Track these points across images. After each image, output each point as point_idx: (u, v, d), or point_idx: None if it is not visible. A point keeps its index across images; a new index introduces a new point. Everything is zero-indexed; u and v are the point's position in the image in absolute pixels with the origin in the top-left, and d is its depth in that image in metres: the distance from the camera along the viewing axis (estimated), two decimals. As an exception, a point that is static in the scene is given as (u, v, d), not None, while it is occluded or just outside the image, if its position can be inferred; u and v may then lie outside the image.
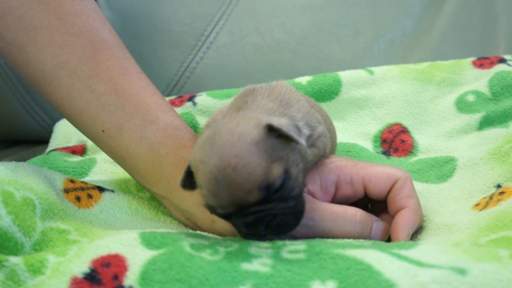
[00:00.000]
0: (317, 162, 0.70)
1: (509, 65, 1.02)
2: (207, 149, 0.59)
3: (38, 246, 0.62)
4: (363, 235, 0.67)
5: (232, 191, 0.58)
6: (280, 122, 0.61)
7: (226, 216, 0.61)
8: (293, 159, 0.62)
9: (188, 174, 0.63)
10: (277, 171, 0.59)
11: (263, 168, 0.58)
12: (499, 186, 0.76)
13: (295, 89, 0.72)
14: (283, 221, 0.61)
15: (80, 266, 0.55)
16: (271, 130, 0.60)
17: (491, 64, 1.03)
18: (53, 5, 0.75)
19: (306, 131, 0.67)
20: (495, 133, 0.90)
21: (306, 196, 0.67)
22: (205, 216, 0.70)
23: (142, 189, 0.82)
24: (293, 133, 0.60)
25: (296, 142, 0.60)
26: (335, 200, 0.70)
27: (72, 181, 0.76)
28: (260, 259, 0.57)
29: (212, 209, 0.61)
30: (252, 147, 0.59)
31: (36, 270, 0.55)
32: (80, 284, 0.54)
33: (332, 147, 0.78)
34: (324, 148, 0.70)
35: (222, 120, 0.63)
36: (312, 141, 0.68)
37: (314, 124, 0.69)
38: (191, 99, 1.05)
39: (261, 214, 0.60)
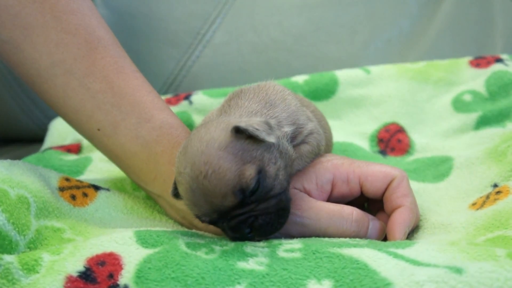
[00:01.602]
0: (313, 161, 0.70)
1: (506, 64, 1.02)
2: (182, 159, 0.60)
3: (33, 245, 0.61)
4: (359, 234, 0.66)
5: (207, 198, 0.59)
6: (250, 122, 0.61)
7: (212, 223, 0.62)
8: (269, 157, 0.62)
9: (175, 186, 0.64)
10: (249, 172, 0.59)
11: (234, 172, 0.58)
12: (495, 185, 0.75)
13: (284, 88, 0.72)
14: (266, 221, 0.61)
15: (75, 265, 0.55)
16: (240, 132, 0.60)
17: (488, 63, 1.03)
18: (48, 3, 0.74)
19: (287, 129, 0.67)
20: (492, 133, 0.90)
21: (302, 195, 0.67)
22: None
23: (138, 188, 0.81)
24: (259, 133, 0.60)
25: (262, 140, 0.60)
26: (332, 199, 0.70)
27: (67, 179, 0.76)
28: (256, 258, 0.57)
29: (198, 217, 0.62)
30: (220, 152, 0.59)
31: (30, 268, 0.55)
32: (75, 283, 0.53)
33: (327, 146, 0.77)
34: (318, 145, 0.70)
35: (191, 133, 0.64)
36: (302, 137, 0.69)
37: (302, 122, 0.69)
38: (187, 97, 1.05)
39: (243, 217, 0.60)
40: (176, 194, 0.64)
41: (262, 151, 0.61)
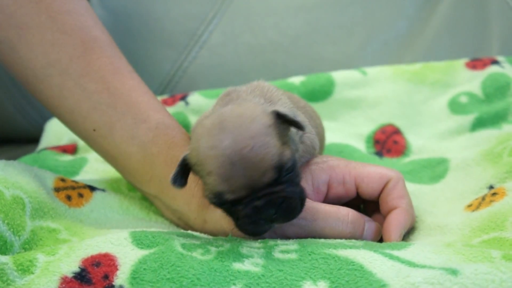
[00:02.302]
0: (308, 162, 0.70)
1: (502, 66, 1.02)
2: (217, 134, 0.59)
3: (28, 245, 0.61)
4: (355, 235, 0.66)
5: (247, 172, 0.58)
6: (284, 110, 0.62)
7: (235, 202, 0.60)
8: (292, 147, 0.62)
9: (181, 169, 0.62)
10: (287, 152, 0.60)
11: (278, 149, 0.59)
12: (491, 187, 0.76)
13: (276, 87, 0.72)
14: (291, 206, 0.60)
15: (70, 266, 0.55)
16: (278, 117, 0.61)
17: (484, 65, 1.03)
18: (44, 4, 0.74)
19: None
20: (488, 134, 0.90)
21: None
22: (196, 216, 0.70)
23: (133, 189, 0.81)
24: (299, 119, 0.61)
25: (300, 127, 0.61)
26: (327, 200, 0.70)
27: (63, 180, 0.75)
28: (252, 259, 0.57)
29: (219, 197, 0.60)
30: (265, 128, 0.59)
31: (25, 269, 0.55)
32: (70, 284, 0.53)
33: (320, 146, 0.78)
34: (311, 144, 0.70)
35: (219, 110, 0.62)
36: (298, 136, 0.69)
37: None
38: (183, 98, 1.05)
39: (273, 197, 0.59)
40: (176, 181, 0.62)
41: (289, 139, 0.62)
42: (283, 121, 0.61)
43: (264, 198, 0.59)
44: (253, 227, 0.61)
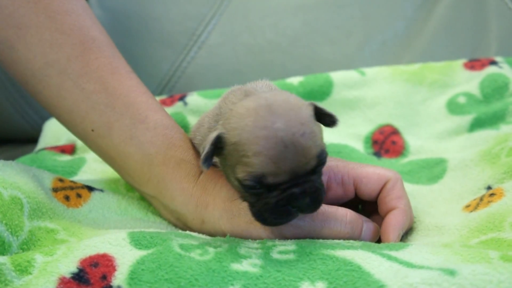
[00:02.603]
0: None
1: (500, 67, 1.02)
2: (266, 114, 0.59)
3: (26, 246, 0.61)
4: (353, 236, 0.66)
5: (297, 156, 0.58)
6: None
7: (271, 188, 0.60)
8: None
9: (213, 148, 0.61)
10: (323, 144, 0.61)
11: (321, 138, 0.61)
12: (489, 187, 0.76)
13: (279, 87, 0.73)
14: (320, 197, 0.61)
15: (68, 266, 0.55)
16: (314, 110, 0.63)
17: (482, 66, 1.03)
18: (42, 4, 0.74)
19: None
20: (486, 135, 0.90)
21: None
22: (194, 216, 0.70)
23: (132, 189, 0.81)
24: (332, 113, 0.63)
25: (334, 122, 0.63)
26: (326, 200, 0.70)
27: (61, 180, 0.75)
28: (250, 259, 0.57)
29: (259, 179, 0.59)
30: (311, 118, 0.61)
31: (23, 269, 0.55)
32: (68, 284, 0.53)
33: None
34: None
35: (260, 95, 0.62)
36: None
37: None
38: (182, 98, 1.05)
39: (309, 185, 0.60)
40: (207, 162, 0.61)
41: None
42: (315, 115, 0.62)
43: (301, 186, 0.60)
44: (280, 215, 0.61)
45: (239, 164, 0.59)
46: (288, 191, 0.59)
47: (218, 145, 0.61)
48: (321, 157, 0.60)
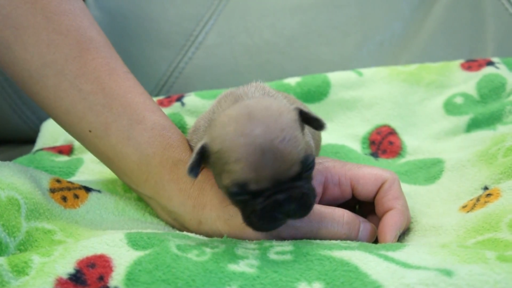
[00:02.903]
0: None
1: (497, 67, 1.02)
2: (246, 122, 0.59)
3: (23, 247, 0.61)
4: (350, 236, 0.67)
5: (276, 163, 0.58)
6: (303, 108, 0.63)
7: (254, 195, 0.60)
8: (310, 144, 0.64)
9: (198, 158, 0.61)
10: (309, 149, 0.61)
11: (303, 144, 0.60)
12: (486, 188, 0.76)
13: (273, 89, 0.73)
14: (308, 202, 0.61)
15: (65, 267, 0.55)
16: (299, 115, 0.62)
17: (479, 66, 1.04)
18: (40, 4, 0.74)
19: None
20: (483, 135, 0.90)
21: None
22: (192, 217, 0.70)
23: (129, 190, 0.81)
24: (320, 118, 0.62)
25: (322, 126, 0.62)
26: (323, 201, 0.70)
27: (58, 181, 0.75)
28: (247, 260, 0.57)
29: (242, 187, 0.59)
30: (293, 123, 0.60)
31: (20, 270, 0.54)
32: (65, 285, 0.53)
33: (316, 148, 0.78)
34: (311, 144, 0.71)
35: (242, 102, 0.62)
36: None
37: None
38: (179, 99, 1.05)
39: (294, 191, 0.59)
40: (193, 171, 0.61)
41: (306, 136, 0.63)
42: (302, 119, 0.62)
43: (286, 192, 0.59)
44: (268, 221, 0.60)
45: (223, 172, 0.60)
46: (273, 197, 0.59)
47: (205, 155, 0.61)
48: (306, 163, 0.59)
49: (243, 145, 0.58)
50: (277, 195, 0.59)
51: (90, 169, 0.92)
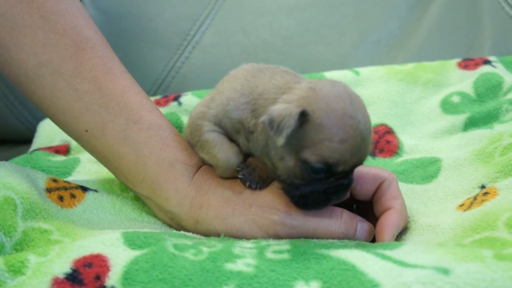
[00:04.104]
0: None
1: (493, 66, 1.02)
2: (349, 104, 0.60)
3: (19, 246, 0.61)
4: (348, 236, 0.67)
5: (365, 151, 0.61)
6: None
7: (330, 175, 0.61)
8: None
9: (298, 123, 0.59)
10: None
11: None
12: (483, 186, 0.76)
13: None
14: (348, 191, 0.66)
15: (62, 266, 0.55)
16: None
17: (476, 65, 1.04)
18: (36, 4, 0.74)
19: None
20: (480, 134, 0.90)
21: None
22: (189, 217, 0.70)
23: (126, 189, 0.81)
24: None
25: None
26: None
27: (55, 180, 0.75)
28: (244, 259, 0.57)
29: (329, 166, 0.60)
30: None
31: (16, 270, 0.54)
32: (62, 285, 0.53)
33: None
34: None
35: (335, 81, 0.63)
36: None
37: None
38: (176, 99, 1.05)
39: (351, 179, 0.64)
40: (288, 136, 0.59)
41: None
42: None
43: (347, 179, 0.63)
44: (318, 201, 0.63)
45: (315, 146, 0.59)
46: (340, 181, 0.62)
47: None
48: None
49: (351, 127, 0.59)
50: (343, 180, 0.62)
51: (86, 168, 0.92)
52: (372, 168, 0.72)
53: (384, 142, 0.98)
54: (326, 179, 0.62)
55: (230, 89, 0.69)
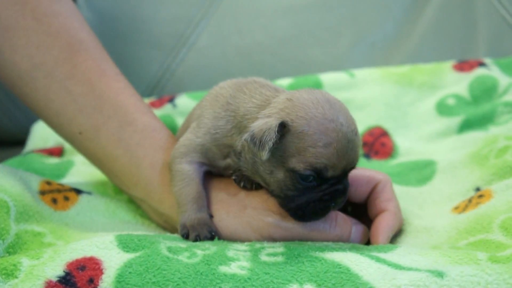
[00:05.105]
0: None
1: (488, 69, 1.02)
2: (329, 108, 0.60)
3: (12, 249, 0.61)
4: (342, 238, 0.66)
5: (352, 153, 0.61)
6: None
7: (322, 182, 0.61)
8: None
9: (278, 136, 0.59)
10: None
11: None
12: (478, 189, 0.76)
13: None
14: (347, 196, 0.65)
15: (55, 269, 0.54)
16: None
17: (471, 67, 1.04)
18: (30, 6, 0.74)
19: None
20: (475, 137, 0.90)
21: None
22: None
23: (120, 192, 0.81)
24: None
25: None
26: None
27: (48, 183, 0.75)
28: (238, 262, 0.57)
29: (318, 171, 0.60)
30: None
31: (9, 273, 0.54)
32: (54, 288, 0.53)
33: None
34: None
35: (312, 89, 0.63)
36: None
37: None
38: (171, 100, 1.05)
39: (346, 184, 0.63)
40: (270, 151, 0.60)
41: None
42: None
43: (342, 184, 0.62)
44: (322, 210, 0.63)
45: (300, 154, 0.60)
46: (334, 187, 0.62)
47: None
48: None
49: (334, 131, 0.60)
50: (337, 186, 0.62)
51: (80, 171, 0.91)
52: (366, 170, 0.71)
53: (379, 144, 0.98)
54: (319, 186, 0.61)
55: (215, 117, 0.69)
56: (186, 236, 0.65)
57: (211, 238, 0.64)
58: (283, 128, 0.60)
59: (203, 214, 0.66)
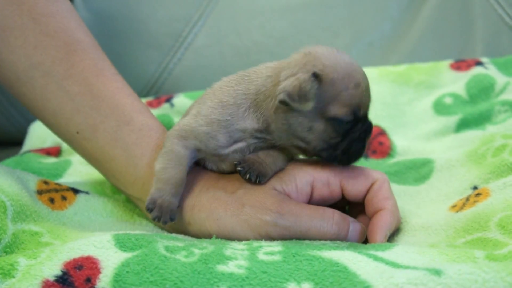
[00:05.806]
0: (292, 163, 0.70)
1: (485, 68, 1.02)
2: (342, 54, 0.65)
3: (9, 249, 0.61)
4: (340, 237, 0.66)
5: (370, 91, 0.67)
6: None
7: (355, 122, 0.65)
8: None
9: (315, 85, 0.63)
10: None
11: None
12: (475, 187, 0.76)
13: None
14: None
15: (52, 269, 0.54)
16: None
17: (468, 66, 1.04)
18: (27, 6, 0.74)
19: None
20: (472, 135, 0.90)
21: (283, 197, 0.67)
22: (180, 218, 0.69)
23: (118, 191, 0.81)
24: None
25: None
26: (312, 201, 0.70)
27: (45, 182, 0.75)
28: (236, 261, 0.57)
29: (355, 112, 0.64)
30: None
31: (6, 273, 0.54)
32: (52, 287, 0.53)
33: None
34: None
35: (311, 48, 0.66)
36: None
37: None
38: (168, 100, 1.05)
39: (371, 120, 0.68)
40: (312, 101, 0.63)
41: None
42: None
43: (368, 121, 0.68)
44: (360, 150, 0.67)
45: (335, 100, 0.63)
46: (365, 124, 0.67)
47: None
48: None
49: (358, 72, 0.64)
50: (367, 123, 0.67)
51: (78, 170, 0.91)
52: (364, 169, 0.71)
53: (377, 143, 0.98)
54: (354, 126, 0.65)
55: (223, 106, 0.69)
56: (150, 211, 0.66)
57: (166, 223, 0.66)
58: (315, 78, 0.63)
59: (175, 201, 0.67)
